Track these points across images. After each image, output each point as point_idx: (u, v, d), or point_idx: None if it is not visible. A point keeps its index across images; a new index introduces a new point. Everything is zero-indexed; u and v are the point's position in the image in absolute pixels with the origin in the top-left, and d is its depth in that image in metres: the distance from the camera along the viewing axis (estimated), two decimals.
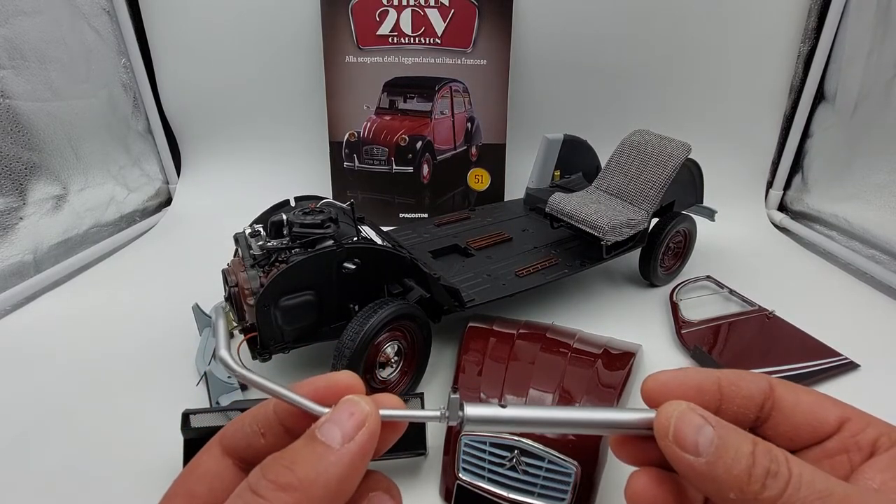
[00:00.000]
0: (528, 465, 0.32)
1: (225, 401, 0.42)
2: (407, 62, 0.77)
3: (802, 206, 0.82)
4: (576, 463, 0.31)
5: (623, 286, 0.63)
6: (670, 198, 0.60)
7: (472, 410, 0.18)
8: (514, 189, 0.81)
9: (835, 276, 0.67)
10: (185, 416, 0.34)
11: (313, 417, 0.17)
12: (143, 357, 0.49)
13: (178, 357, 0.48)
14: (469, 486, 0.33)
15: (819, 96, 0.80)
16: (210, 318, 0.52)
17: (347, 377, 0.19)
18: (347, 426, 0.17)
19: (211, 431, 0.33)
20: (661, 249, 0.59)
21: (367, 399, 0.18)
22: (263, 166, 0.87)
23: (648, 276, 0.61)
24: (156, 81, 0.83)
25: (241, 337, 0.42)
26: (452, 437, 0.34)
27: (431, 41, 0.76)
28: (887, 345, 0.52)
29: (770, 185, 0.87)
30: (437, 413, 0.18)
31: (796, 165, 0.85)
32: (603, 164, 0.63)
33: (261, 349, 0.41)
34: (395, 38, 0.76)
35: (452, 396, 0.18)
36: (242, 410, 0.34)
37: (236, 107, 0.85)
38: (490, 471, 0.32)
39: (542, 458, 0.32)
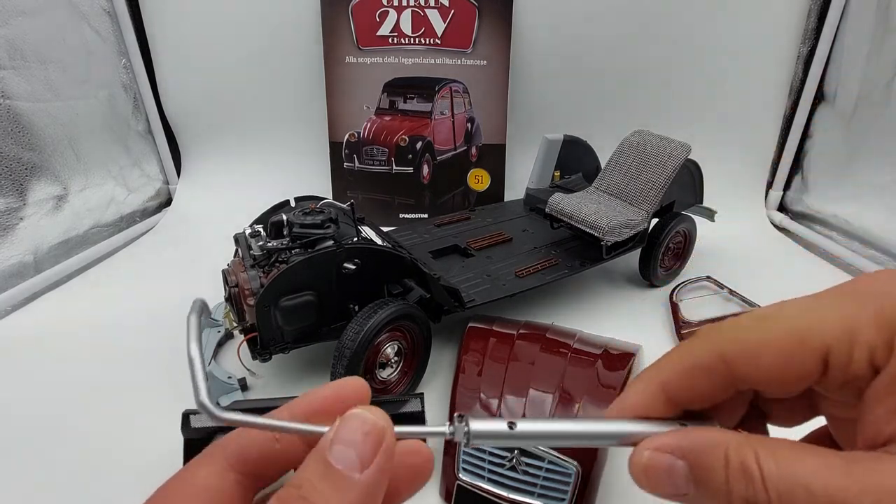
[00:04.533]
0: (527, 465, 0.32)
1: (225, 401, 0.42)
2: (407, 63, 0.77)
3: (802, 206, 0.82)
4: (576, 463, 0.31)
5: (623, 286, 0.63)
6: (670, 198, 0.60)
7: (476, 426, 0.17)
8: (514, 189, 0.81)
9: (835, 276, 0.67)
10: (185, 416, 0.34)
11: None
12: (144, 357, 0.49)
13: (179, 357, 0.48)
14: (469, 487, 0.33)
15: (819, 97, 0.80)
16: (215, 320, 0.52)
17: (354, 384, 0.17)
18: (364, 449, 0.15)
19: (211, 431, 0.33)
20: (660, 250, 0.59)
21: (377, 411, 0.16)
22: (263, 167, 0.87)
23: (648, 277, 0.61)
24: (156, 82, 0.83)
25: (242, 337, 0.42)
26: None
27: (431, 42, 0.76)
28: None
29: (770, 185, 0.87)
30: (444, 429, 0.17)
31: (796, 166, 0.85)
32: (603, 164, 0.63)
33: (261, 349, 0.41)
34: (395, 39, 0.76)
35: (457, 417, 0.17)
36: (243, 411, 0.34)
37: (236, 107, 0.85)
38: (490, 471, 0.32)
39: (542, 459, 0.32)
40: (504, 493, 0.32)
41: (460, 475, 0.33)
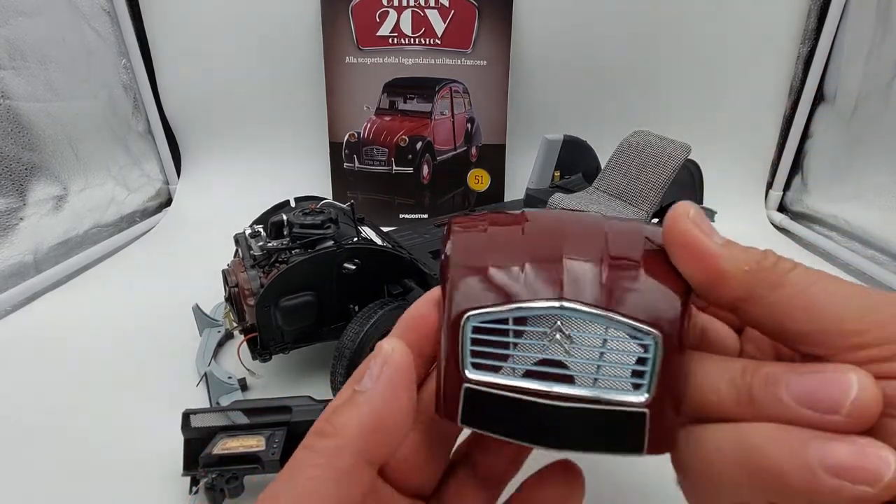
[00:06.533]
0: (575, 341, 0.19)
1: (225, 401, 0.42)
2: (407, 63, 0.77)
3: (802, 206, 0.82)
4: (655, 332, 0.19)
5: None
6: (670, 198, 0.60)
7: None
8: (514, 189, 0.81)
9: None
10: (186, 416, 0.34)
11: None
12: (143, 357, 0.49)
13: (178, 357, 0.48)
14: (485, 389, 0.19)
15: (819, 97, 0.80)
16: (215, 320, 0.51)
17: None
18: (374, 369, 0.18)
19: (212, 431, 0.33)
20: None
21: (395, 339, 0.18)
22: (263, 167, 0.87)
23: None
24: (156, 82, 0.84)
25: (242, 337, 0.42)
26: (450, 324, 0.20)
27: (431, 42, 0.76)
28: None
29: (770, 185, 0.87)
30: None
31: (796, 166, 0.85)
32: (603, 164, 0.63)
33: (261, 349, 0.41)
34: (396, 39, 0.76)
35: None
36: (243, 410, 0.34)
37: (236, 107, 0.85)
38: (517, 358, 0.19)
39: (600, 329, 0.19)
40: (543, 388, 0.19)
41: (468, 373, 0.20)
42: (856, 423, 0.14)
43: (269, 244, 0.42)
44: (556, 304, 0.19)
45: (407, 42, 0.76)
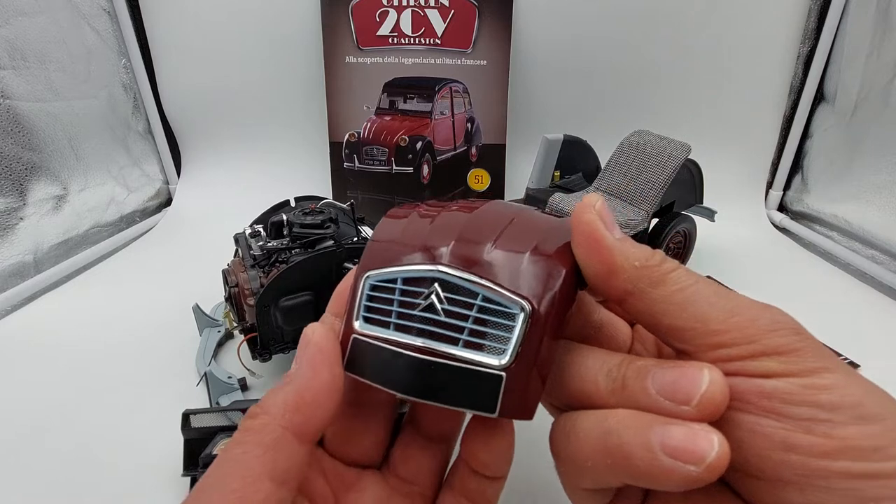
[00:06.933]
0: (452, 301, 0.20)
1: (225, 401, 0.42)
2: (407, 63, 0.77)
3: (802, 206, 0.82)
4: (524, 302, 0.19)
5: None
6: (670, 198, 0.60)
7: None
8: (514, 189, 0.81)
9: (835, 276, 0.67)
10: (186, 416, 0.34)
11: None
12: (143, 357, 0.49)
13: (178, 357, 0.48)
14: (367, 340, 0.21)
15: (819, 97, 0.80)
16: (215, 320, 0.52)
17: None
18: (299, 352, 0.19)
19: (212, 431, 0.34)
20: (661, 250, 0.59)
21: (318, 323, 0.20)
22: (263, 166, 0.87)
23: None
24: (156, 82, 0.84)
25: (242, 337, 0.42)
26: (353, 283, 0.23)
27: (431, 42, 0.76)
28: (887, 345, 0.52)
29: (770, 185, 0.87)
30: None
31: (796, 166, 0.85)
32: (603, 164, 0.63)
33: (261, 349, 0.41)
34: (396, 39, 0.76)
35: None
36: (243, 410, 0.34)
37: (236, 107, 0.85)
38: (398, 314, 0.21)
39: (473, 295, 0.20)
40: (415, 342, 0.20)
41: (356, 324, 0.21)
42: (704, 413, 0.15)
43: (269, 244, 0.42)
44: (434, 268, 0.21)
45: (407, 42, 0.76)
